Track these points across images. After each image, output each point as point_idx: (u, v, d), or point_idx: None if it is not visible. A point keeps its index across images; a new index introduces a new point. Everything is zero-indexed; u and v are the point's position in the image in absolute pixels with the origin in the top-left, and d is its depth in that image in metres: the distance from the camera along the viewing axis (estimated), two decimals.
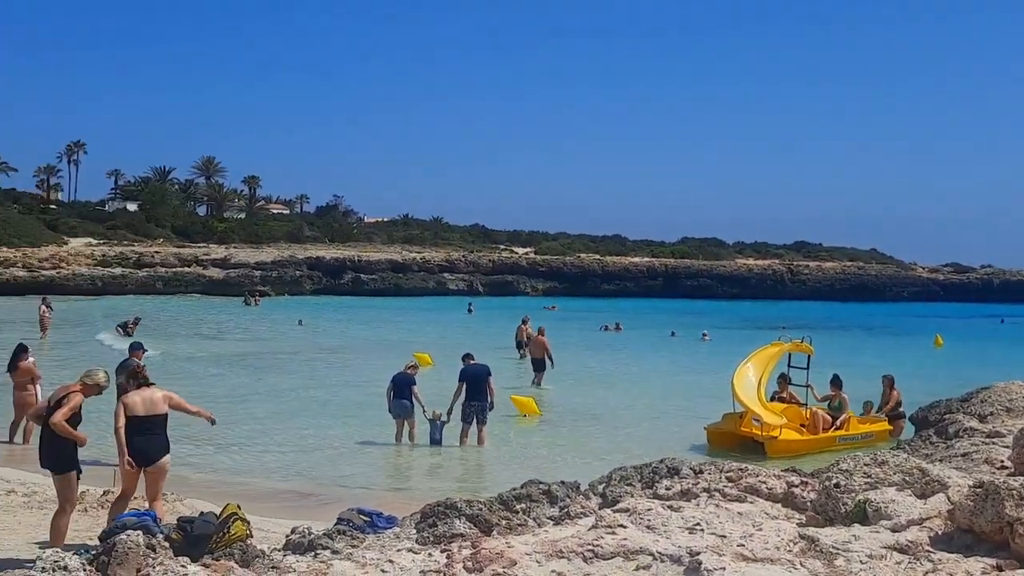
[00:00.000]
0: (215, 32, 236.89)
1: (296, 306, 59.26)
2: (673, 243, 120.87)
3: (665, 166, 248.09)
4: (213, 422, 9.96)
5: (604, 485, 7.56)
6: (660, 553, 5.42)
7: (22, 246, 74.80)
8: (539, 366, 25.53)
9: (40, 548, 8.06)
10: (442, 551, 6.53)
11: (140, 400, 8.78)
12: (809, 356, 18.72)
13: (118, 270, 72.13)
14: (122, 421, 8.65)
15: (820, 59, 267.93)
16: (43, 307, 36.52)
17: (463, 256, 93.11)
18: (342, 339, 39.92)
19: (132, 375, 9.28)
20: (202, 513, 7.82)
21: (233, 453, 15.84)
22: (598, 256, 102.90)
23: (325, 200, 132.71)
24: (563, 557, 5.52)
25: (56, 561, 5.45)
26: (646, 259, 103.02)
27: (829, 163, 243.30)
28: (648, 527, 5.91)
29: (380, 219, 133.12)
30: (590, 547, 5.55)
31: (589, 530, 5.94)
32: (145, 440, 8.65)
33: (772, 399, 18.40)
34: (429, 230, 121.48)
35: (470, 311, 60.28)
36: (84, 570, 5.46)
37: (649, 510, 6.19)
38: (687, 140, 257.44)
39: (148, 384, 9.05)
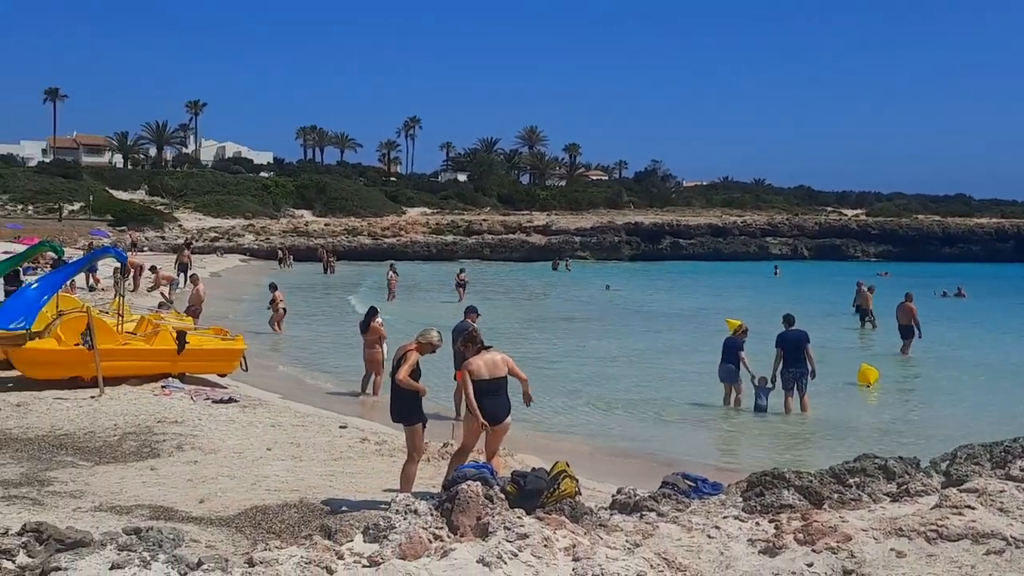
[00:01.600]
0: (537, 10, 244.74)
1: (606, 271, 60.10)
2: None
3: (1016, 117, 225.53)
4: (529, 402, 9.82)
5: (948, 463, 7.06)
6: (1015, 538, 5.00)
7: (367, 216, 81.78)
8: (906, 333, 24.49)
9: (391, 493, 8.84)
10: (770, 521, 6.41)
11: (483, 364, 9.16)
12: None
13: (450, 237, 76.78)
14: (471, 388, 9.05)
15: None
16: (391, 272, 39.67)
17: (786, 219, 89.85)
18: (649, 304, 39.83)
19: (470, 339, 9.70)
20: (534, 469, 8.17)
21: (558, 413, 16.37)
22: (938, 217, 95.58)
23: (643, 165, 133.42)
24: (903, 536, 5.24)
25: (408, 505, 5.95)
26: (994, 220, 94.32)
27: None
28: (1000, 510, 5.46)
29: (699, 182, 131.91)
30: (933, 527, 5.23)
31: (932, 509, 5.59)
32: (492, 401, 9.08)
33: None
34: (750, 192, 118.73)
35: (776, 274, 58.39)
36: (431, 515, 5.91)
37: (1002, 492, 5.71)
38: None
39: (486, 347, 9.48)
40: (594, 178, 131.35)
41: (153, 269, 32.99)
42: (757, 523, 6.39)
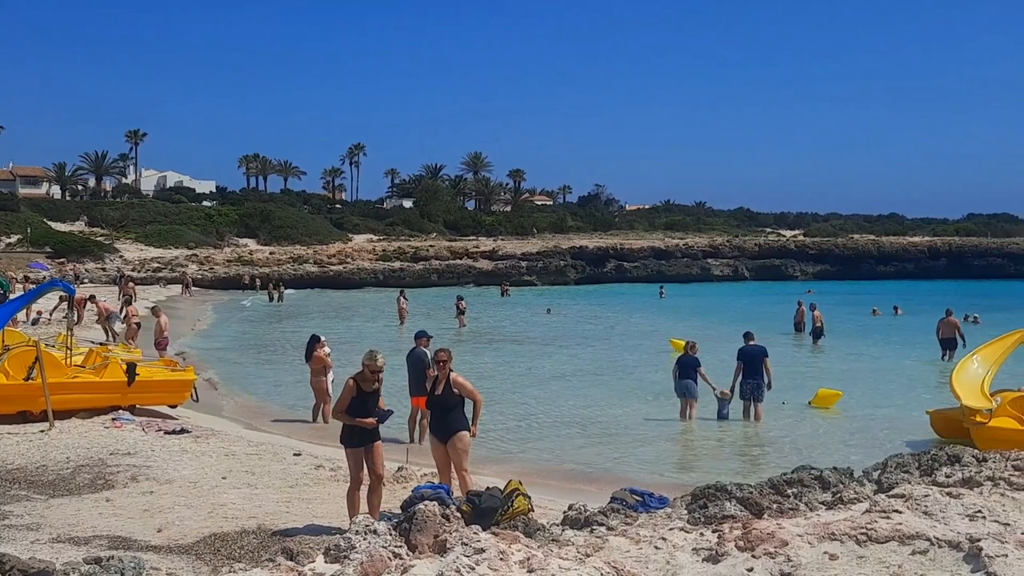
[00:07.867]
0: (477, 35, 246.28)
1: (551, 295, 60.82)
2: (957, 220, 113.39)
3: (946, 138, 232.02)
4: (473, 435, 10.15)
5: (879, 472, 7.44)
6: (937, 539, 5.35)
7: (313, 243, 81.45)
8: (949, 345, 26.78)
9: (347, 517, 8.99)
10: (713, 531, 6.71)
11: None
12: None
13: (397, 264, 76.65)
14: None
15: None
16: (401, 299, 38.91)
17: (727, 241, 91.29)
18: (586, 327, 40.31)
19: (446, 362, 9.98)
20: (488, 488, 8.41)
21: (510, 433, 16.62)
22: (873, 237, 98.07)
23: (587, 190, 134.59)
24: (835, 539, 5.56)
25: (367, 525, 6.15)
26: (927, 238, 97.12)
27: None
28: (925, 513, 5.82)
29: (642, 206, 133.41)
30: (863, 530, 5.56)
31: (863, 514, 5.93)
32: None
33: None
34: (692, 215, 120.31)
35: (661, 295, 60.03)
36: (391, 534, 6.12)
37: (927, 496, 6.09)
38: (968, 106, 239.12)
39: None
40: (539, 203, 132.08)
41: (92, 299, 32.07)
42: (701, 533, 6.69)
